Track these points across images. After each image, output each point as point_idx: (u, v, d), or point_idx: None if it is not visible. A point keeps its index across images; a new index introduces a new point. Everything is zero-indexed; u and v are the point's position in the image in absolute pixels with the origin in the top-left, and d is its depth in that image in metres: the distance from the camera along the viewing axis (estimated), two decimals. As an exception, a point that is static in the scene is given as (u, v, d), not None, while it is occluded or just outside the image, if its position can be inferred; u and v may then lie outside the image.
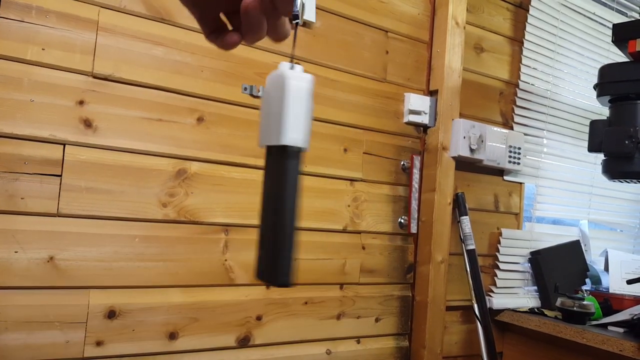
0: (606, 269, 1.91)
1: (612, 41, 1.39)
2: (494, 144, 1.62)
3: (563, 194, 1.90)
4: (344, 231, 1.43)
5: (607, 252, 1.95)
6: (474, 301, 1.56)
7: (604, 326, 1.48)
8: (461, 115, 1.58)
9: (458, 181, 1.60)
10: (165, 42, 1.18)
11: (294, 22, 0.40)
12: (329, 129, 1.40)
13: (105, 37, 1.11)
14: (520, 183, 1.79)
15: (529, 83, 1.79)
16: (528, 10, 1.78)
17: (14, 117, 1.02)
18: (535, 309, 1.66)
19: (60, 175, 1.06)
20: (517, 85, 1.77)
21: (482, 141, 1.58)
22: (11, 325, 1.01)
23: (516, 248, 1.74)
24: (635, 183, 1.46)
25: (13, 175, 1.02)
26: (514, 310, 1.65)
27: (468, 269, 1.56)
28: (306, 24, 1.37)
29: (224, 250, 1.24)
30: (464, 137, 1.54)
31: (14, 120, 1.02)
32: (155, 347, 1.15)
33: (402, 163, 1.54)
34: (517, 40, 1.78)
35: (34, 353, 1.02)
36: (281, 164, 0.39)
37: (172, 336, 1.17)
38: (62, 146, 1.06)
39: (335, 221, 1.41)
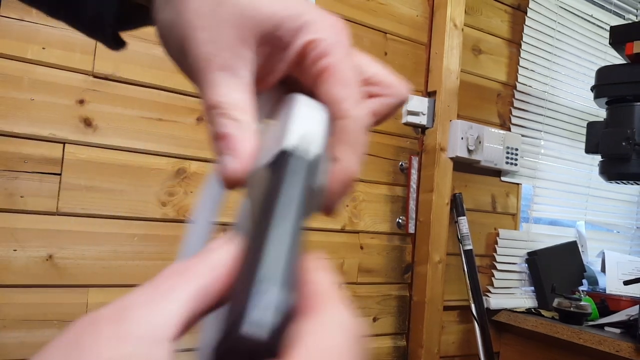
0: (603, 270, 1.92)
1: (610, 43, 1.39)
2: (492, 145, 1.62)
3: (560, 195, 1.91)
4: (342, 231, 1.43)
5: (603, 253, 1.96)
6: (471, 301, 1.57)
7: (601, 327, 1.48)
8: (459, 117, 1.59)
9: (456, 182, 1.61)
10: (165, 42, 1.18)
11: None
12: (327, 130, 1.41)
13: (106, 37, 1.11)
14: (518, 184, 1.79)
15: (526, 85, 1.79)
16: (526, 13, 1.79)
17: (15, 116, 1.02)
18: (532, 310, 1.66)
19: (60, 174, 1.06)
20: (514, 87, 1.77)
21: (480, 142, 1.58)
22: (10, 323, 1.01)
23: (513, 249, 1.74)
24: (632, 184, 1.47)
25: (13, 174, 1.02)
26: (511, 311, 1.65)
27: (465, 269, 1.57)
28: (305, 25, 1.37)
29: (223, 250, 1.24)
30: (462, 138, 1.55)
31: (14, 119, 1.02)
32: (153, 346, 1.15)
33: (400, 163, 1.55)
34: (514, 42, 1.79)
35: (32, 351, 1.02)
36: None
37: (171, 335, 1.17)
38: (62, 145, 1.06)
39: (333, 221, 1.41)
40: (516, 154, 1.69)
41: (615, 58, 1.78)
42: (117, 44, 0.31)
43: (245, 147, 0.24)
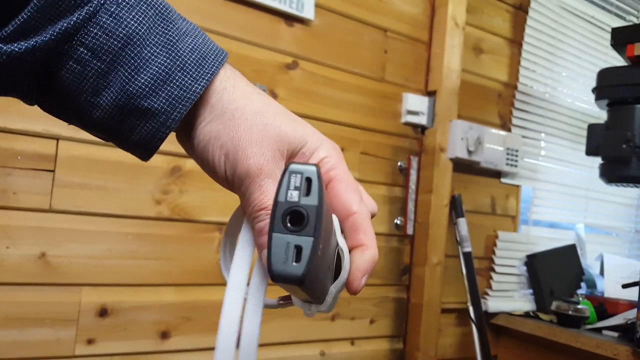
0: (601, 273, 1.91)
1: (611, 45, 1.39)
2: (492, 146, 1.61)
3: (560, 197, 1.90)
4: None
5: (602, 256, 1.95)
6: (469, 304, 1.55)
7: (599, 330, 1.47)
8: (459, 117, 1.58)
9: (455, 183, 1.59)
10: (162, 37, 1.16)
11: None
12: (325, 128, 1.39)
13: (101, 32, 1.10)
14: (517, 186, 1.78)
15: (527, 85, 1.78)
16: (527, 13, 1.77)
17: (7, 111, 1.01)
18: (531, 313, 1.65)
19: (53, 171, 1.05)
20: (515, 88, 1.76)
21: (480, 143, 1.57)
22: (1, 321, 0.99)
23: (512, 251, 1.73)
24: (631, 187, 1.46)
25: (6, 170, 1.00)
26: (509, 314, 1.64)
27: (464, 272, 1.56)
28: (305, 22, 1.36)
29: (218, 249, 1.22)
30: (462, 139, 1.53)
31: (7, 114, 1.01)
32: (146, 346, 1.13)
33: (399, 164, 1.53)
34: (516, 42, 1.77)
35: (24, 350, 1.01)
36: None
37: (164, 335, 1.16)
38: (55, 141, 1.05)
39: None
40: (516, 155, 1.67)
41: (616, 60, 1.77)
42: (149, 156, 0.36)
43: None
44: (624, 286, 1.60)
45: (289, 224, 0.28)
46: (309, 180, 0.29)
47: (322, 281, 0.32)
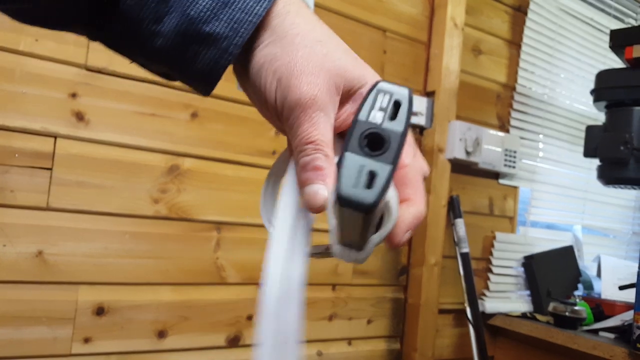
0: (599, 274, 1.92)
1: (610, 47, 1.39)
2: (490, 147, 1.61)
3: (558, 198, 1.90)
4: (337, 231, 1.41)
5: (599, 257, 1.95)
6: (466, 305, 1.56)
7: (595, 332, 1.48)
8: (458, 118, 1.58)
9: (453, 183, 1.60)
10: (160, 36, 1.16)
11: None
12: (324, 128, 1.39)
13: (100, 30, 1.09)
14: (515, 187, 1.78)
15: (526, 87, 1.78)
16: (526, 14, 1.78)
17: (5, 109, 1.00)
18: (528, 314, 1.66)
19: (51, 169, 1.04)
20: (514, 89, 1.76)
21: (478, 144, 1.57)
22: (-3, 320, 0.99)
23: (510, 252, 1.73)
24: (629, 189, 1.46)
25: (3, 168, 1.00)
26: (507, 315, 1.64)
27: (462, 272, 1.56)
28: (304, 22, 1.35)
29: (216, 249, 1.22)
30: (460, 140, 1.53)
31: (5, 112, 1.00)
32: (143, 345, 1.13)
33: (397, 164, 1.53)
34: (515, 43, 1.78)
35: (20, 349, 1.01)
36: None
37: (161, 334, 1.15)
38: (53, 139, 1.04)
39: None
40: (514, 157, 1.68)
41: (614, 62, 1.77)
42: (209, 89, 0.35)
43: (332, 180, 0.30)
44: (621, 288, 1.61)
45: (366, 147, 0.25)
46: (397, 104, 0.26)
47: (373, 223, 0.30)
